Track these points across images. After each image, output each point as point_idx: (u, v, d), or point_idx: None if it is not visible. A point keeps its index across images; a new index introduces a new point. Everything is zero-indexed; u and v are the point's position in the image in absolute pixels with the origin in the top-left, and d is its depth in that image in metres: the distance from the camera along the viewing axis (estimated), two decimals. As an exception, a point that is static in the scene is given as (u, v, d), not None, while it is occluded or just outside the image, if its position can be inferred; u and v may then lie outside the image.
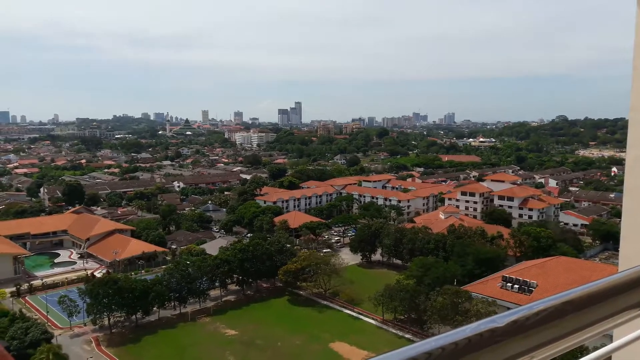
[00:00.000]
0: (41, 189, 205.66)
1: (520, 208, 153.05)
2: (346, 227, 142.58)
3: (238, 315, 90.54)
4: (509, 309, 1.97)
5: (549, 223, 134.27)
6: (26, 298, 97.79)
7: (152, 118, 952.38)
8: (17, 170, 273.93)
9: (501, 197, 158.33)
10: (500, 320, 1.77)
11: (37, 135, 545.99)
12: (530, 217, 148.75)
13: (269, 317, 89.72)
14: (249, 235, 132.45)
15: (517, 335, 1.76)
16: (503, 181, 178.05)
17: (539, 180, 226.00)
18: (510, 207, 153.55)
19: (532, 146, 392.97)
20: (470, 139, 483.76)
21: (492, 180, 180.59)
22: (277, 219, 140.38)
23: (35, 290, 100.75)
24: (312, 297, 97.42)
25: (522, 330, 1.78)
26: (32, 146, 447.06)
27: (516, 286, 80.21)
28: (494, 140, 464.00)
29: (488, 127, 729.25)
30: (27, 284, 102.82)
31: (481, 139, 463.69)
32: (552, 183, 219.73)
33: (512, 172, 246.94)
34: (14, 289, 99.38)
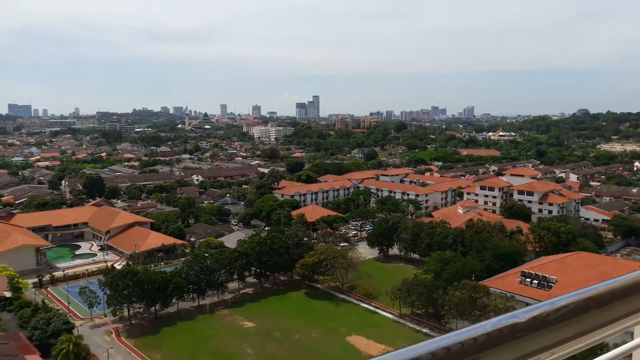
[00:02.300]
0: (62, 182, 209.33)
1: (540, 203, 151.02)
2: (363, 221, 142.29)
3: (256, 308, 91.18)
4: (527, 304, 1.96)
5: (570, 218, 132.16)
6: (48, 289, 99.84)
7: (171, 112, 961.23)
8: (39, 164, 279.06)
9: (521, 192, 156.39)
10: (521, 315, 1.78)
11: (59, 129, 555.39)
12: (550, 212, 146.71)
13: (286, 310, 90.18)
14: (266, 228, 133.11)
15: (539, 331, 1.76)
16: (523, 175, 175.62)
17: (560, 175, 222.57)
18: (530, 201, 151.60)
19: (553, 140, 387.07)
20: (490, 133, 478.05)
21: (511, 175, 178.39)
22: (294, 213, 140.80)
23: (57, 282, 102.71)
24: (329, 291, 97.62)
25: (543, 325, 1.77)
26: (53, 139, 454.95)
27: (535, 282, 79.22)
28: (513, 134, 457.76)
29: (508, 120, 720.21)
30: (49, 275, 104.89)
31: (501, 133, 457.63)
32: (573, 178, 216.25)
33: (532, 167, 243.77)
34: (36, 280, 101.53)
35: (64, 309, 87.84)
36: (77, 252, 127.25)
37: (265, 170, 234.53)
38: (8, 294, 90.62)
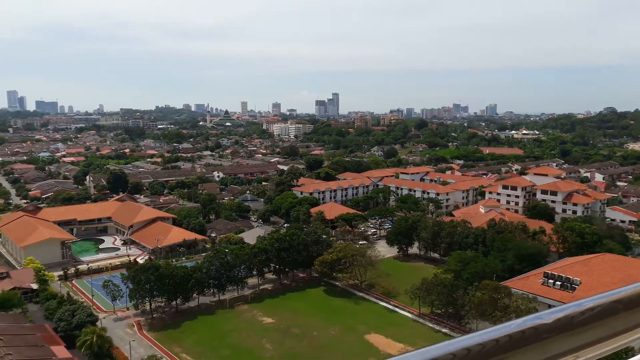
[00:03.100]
0: (87, 177, 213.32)
1: (564, 203, 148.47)
2: (383, 220, 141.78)
3: (275, 304, 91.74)
4: (550, 306, 1.95)
5: (595, 219, 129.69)
6: (73, 282, 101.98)
7: (193, 109, 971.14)
8: (65, 159, 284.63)
9: (544, 192, 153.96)
10: (547, 316, 1.74)
11: (84, 125, 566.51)
12: (574, 212, 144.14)
13: (305, 306, 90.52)
14: (285, 225, 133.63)
15: (564, 333, 1.73)
16: (546, 175, 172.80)
17: (585, 175, 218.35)
18: (553, 201, 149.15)
19: (578, 139, 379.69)
20: (513, 131, 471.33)
21: (535, 174, 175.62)
22: (313, 210, 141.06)
23: (81, 275, 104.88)
24: (347, 289, 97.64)
25: (569, 327, 1.74)
26: (78, 135, 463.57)
27: (558, 283, 77.94)
28: (537, 132, 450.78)
29: (531, 119, 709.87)
30: (74, 269, 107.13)
31: (524, 131, 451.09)
32: (599, 177, 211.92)
33: (556, 166, 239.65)
34: (61, 272, 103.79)
35: (88, 301, 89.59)
36: (100, 246, 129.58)
37: (285, 168, 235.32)
38: (35, 286, 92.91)
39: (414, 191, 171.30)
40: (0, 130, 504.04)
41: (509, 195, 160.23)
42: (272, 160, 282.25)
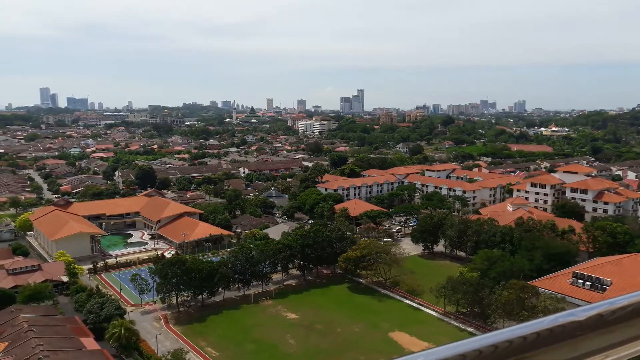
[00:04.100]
0: (116, 173, 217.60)
1: (595, 201, 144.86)
2: (407, 217, 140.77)
3: (299, 300, 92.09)
4: (578, 306, 2.02)
5: (627, 218, 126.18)
6: (102, 275, 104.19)
7: (219, 106, 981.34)
8: (95, 155, 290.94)
9: (574, 190, 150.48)
10: (580, 313, 1.73)
11: (113, 122, 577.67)
12: (605, 211, 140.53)
13: (329, 303, 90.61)
14: (310, 221, 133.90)
15: (596, 331, 1.72)
16: (576, 173, 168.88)
17: (617, 173, 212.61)
18: (583, 200, 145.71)
19: (610, 136, 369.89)
20: (542, 128, 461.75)
21: (564, 172, 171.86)
22: (337, 207, 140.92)
23: (110, 268, 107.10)
24: (371, 286, 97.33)
25: (601, 325, 1.73)
26: (108, 132, 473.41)
27: (588, 283, 76.23)
28: (567, 129, 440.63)
29: (561, 115, 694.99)
30: (103, 262, 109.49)
31: (554, 128, 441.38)
32: (631, 175, 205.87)
33: (587, 164, 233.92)
34: (90, 266, 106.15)
35: (116, 294, 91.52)
36: (129, 241, 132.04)
37: (309, 164, 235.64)
38: (65, 279, 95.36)
39: (440, 189, 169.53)
40: (33, 126, 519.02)
41: (537, 194, 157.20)
42: (297, 157, 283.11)
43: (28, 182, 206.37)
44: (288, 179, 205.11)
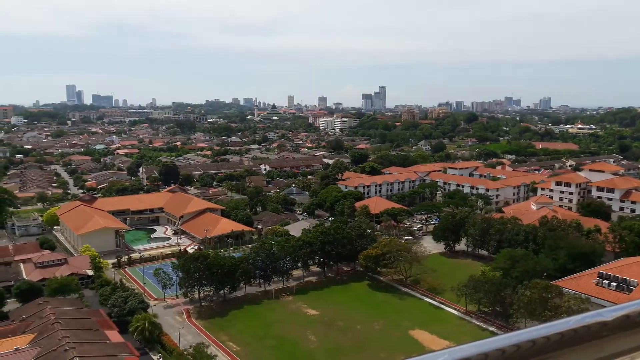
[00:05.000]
0: (140, 169, 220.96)
1: (622, 201, 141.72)
2: (429, 215, 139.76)
3: (319, 296, 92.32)
4: (603, 307, 2.03)
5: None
6: (126, 269, 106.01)
7: (241, 103, 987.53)
8: (119, 151, 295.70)
9: (600, 189, 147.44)
10: (607, 314, 1.70)
11: (137, 119, 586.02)
12: (633, 210, 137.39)
13: (349, 300, 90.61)
14: (330, 218, 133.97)
15: (623, 332, 1.68)
16: (603, 171, 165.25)
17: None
18: (610, 199, 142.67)
19: (638, 134, 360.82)
20: (568, 126, 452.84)
21: (590, 170, 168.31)
22: (358, 204, 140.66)
23: (134, 263, 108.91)
24: (392, 284, 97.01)
25: (629, 327, 1.69)
26: (132, 128, 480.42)
27: (613, 284, 74.69)
28: (594, 127, 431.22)
29: (588, 112, 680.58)
30: (127, 257, 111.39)
31: (580, 126, 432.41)
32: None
33: (614, 162, 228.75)
34: (115, 260, 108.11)
35: (139, 288, 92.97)
36: (152, 236, 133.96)
37: (330, 161, 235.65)
38: (90, 273, 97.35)
39: (462, 186, 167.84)
40: (59, 123, 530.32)
41: (562, 192, 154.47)
42: (318, 154, 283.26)
43: (55, 178, 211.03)
44: (309, 176, 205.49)
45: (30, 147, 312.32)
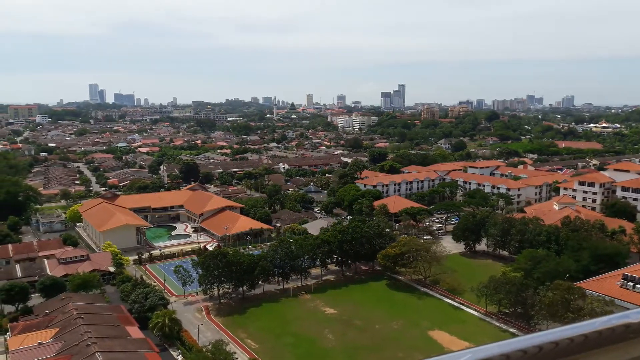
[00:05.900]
0: (161, 167, 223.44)
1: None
2: (449, 215, 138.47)
3: (337, 295, 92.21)
4: (628, 310, 1.95)
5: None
6: (146, 266, 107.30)
7: (260, 102, 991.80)
8: (141, 149, 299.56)
9: (625, 189, 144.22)
10: (634, 316, 1.69)
11: (158, 117, 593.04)
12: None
13: (367, 299, 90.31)
14: (348, 217, 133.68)
15: None
16: (628, 171, 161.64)
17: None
18: (635, 199, 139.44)
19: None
20: (591, 124, 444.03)
21: (615, 170, 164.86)
22: (376, 203, 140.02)
23: (154, 259, 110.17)
24: (411, 283, 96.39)
25: None
26: (153, 127, 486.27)
27: (639, 286, 73.05)
28: (619, 125, 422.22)
29: (612, 111, 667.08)
30: (148, 253, 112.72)
31: (604, 124, 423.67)
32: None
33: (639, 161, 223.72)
34: (136, 257, 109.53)
35: (160, 285, 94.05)
36: (173, 233, 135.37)
37: (349, 160, 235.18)
38: (112, 269, 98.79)
39: (483, 186, 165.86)
40: (82, 121, 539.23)
41: (585, 192, 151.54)
42: (336, 153, 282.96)
43: (78, 175, 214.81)
44: (327, 175, 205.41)
45: (54, 145, 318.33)
